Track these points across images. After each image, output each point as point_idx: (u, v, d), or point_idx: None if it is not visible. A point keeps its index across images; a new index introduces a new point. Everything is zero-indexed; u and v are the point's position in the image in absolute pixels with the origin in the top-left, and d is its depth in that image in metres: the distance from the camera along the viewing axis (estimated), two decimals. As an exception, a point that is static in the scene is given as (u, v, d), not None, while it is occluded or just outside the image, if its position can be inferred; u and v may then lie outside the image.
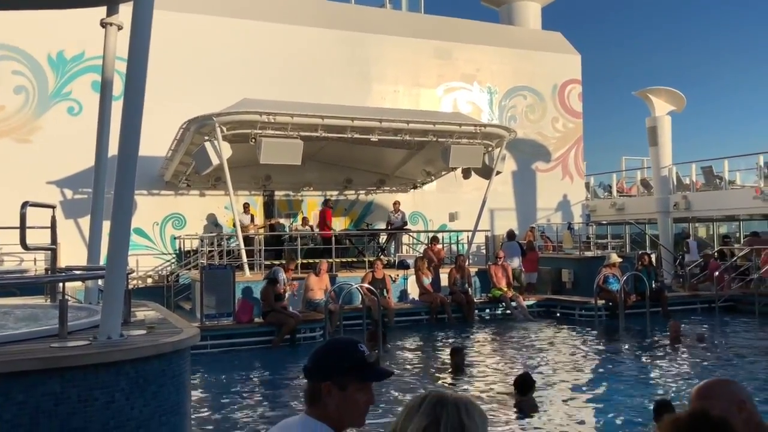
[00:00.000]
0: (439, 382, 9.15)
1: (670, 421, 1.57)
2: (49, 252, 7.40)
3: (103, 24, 6.78)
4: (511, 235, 17.25)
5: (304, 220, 17.74)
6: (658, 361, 10.17)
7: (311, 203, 19.09)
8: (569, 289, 16.44)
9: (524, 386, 7.33)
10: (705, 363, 9.98)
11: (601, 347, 11.56)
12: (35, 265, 14.82)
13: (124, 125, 4.95)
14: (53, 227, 7.16)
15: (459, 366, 9.27)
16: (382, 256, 16.33)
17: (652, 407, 5.31)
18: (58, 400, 4.07)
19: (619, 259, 14.93)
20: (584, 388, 8.65)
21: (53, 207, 7.18)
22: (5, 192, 14.19)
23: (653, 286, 14.58)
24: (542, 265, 17.07)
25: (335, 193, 19.37)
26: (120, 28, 6.76)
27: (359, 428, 2.08)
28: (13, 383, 3.99)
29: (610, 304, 14.15)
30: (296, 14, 19.09)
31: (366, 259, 16.05)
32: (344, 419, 2.03)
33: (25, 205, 6.01)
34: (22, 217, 5.93)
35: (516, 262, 16.21)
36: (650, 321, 13.19)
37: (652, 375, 9.34)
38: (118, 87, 7.89)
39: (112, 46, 6.78)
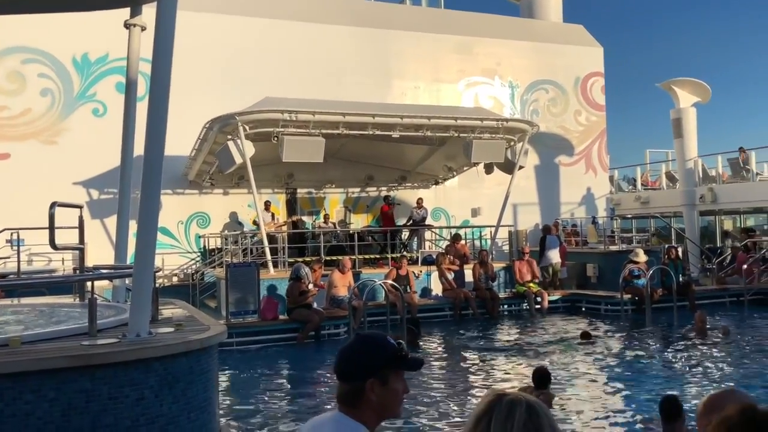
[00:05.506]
0: (470, 376, 9.14)
1: (719, 422, 1.53)
2: (77, 251, 7.51)
3: (127, 25, 6.85)
4: (547, 229, 17.12)
5: (326, 217, 17.82)
6: (682, 355, 10.03)
7: (333, 200, 19.14)
8: (594, 283, 16.32)
9: (541, 380, 7.40)
10: (730, 358, 9.82)
11: (626, 342, 11.42)
12: (63, 264, 15.06)
13: (150, 126, 4.99)
14: (81, 227, 7.25)
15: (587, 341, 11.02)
16: (405, 253, 16.32)
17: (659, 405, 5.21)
18: (90, 397, 4.13)
19: (646, 257, 14.70)
20: (605, 383, 8.58)
21: (81, 207, 7.27)
22: (33, 193, 14.44)
23: (680, 280, 14.39)
24: (567, 260, 16.94)
25: (357, 189, 19.39)
26: (143, 29, 6.83)
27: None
28: (45, 380, 4.05)
29: (636, 298, 14.00)
30: (316, 12, 19.11)
31: (389, 256, 16.05)
32: (385, 412, 2.06)
33: (53, 205, 6.06)
34: (51, 218, 5.97)
35: (556, 256, 16.16)
36: (678, 315, 13.02)
37: (676, 369, 9.22)
38: (141, 88, 7.97)
39: (136, 47, 6.85)
